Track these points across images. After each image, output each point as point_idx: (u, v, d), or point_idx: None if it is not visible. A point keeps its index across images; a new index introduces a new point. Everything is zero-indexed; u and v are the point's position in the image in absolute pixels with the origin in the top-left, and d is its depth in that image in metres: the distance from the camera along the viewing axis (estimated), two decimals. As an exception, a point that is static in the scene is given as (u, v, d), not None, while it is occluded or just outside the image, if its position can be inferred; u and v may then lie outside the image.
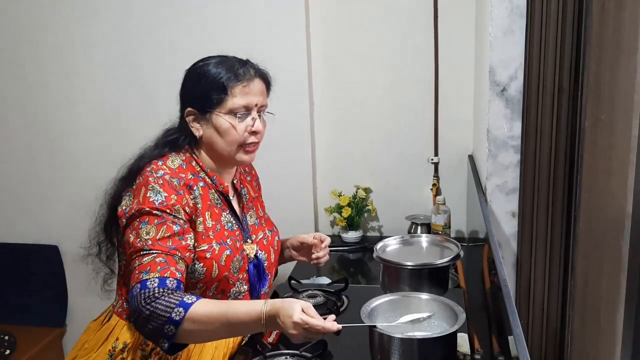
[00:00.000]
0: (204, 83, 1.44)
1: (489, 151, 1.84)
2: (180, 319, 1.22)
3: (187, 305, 1.23)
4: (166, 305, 1.23)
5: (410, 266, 1.57)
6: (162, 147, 1.49)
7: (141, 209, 1.34)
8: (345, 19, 2.53)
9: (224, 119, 1.43)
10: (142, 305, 1.24)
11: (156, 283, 1.26)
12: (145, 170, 1.40)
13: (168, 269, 1.29)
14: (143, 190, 1.36)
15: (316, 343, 1.48)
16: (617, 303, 1.50)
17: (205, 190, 1.46)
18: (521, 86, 1.77)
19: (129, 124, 2.68)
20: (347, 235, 2.59)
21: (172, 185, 1.39)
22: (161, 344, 1.25)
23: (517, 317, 1.14)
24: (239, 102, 1.43)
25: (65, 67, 2.72)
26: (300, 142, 2.59)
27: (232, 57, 1.49)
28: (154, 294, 1.24)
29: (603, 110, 1.54)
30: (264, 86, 1.49)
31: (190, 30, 2.56)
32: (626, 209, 1.48)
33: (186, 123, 1.48)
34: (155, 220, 1.33)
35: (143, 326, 1.25)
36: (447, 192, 2.55)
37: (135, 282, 1.27)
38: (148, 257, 1.29)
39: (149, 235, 1.32)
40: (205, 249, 1.40)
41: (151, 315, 1.23)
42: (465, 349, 1.42)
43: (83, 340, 1.55)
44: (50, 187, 2.85)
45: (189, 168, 1.46)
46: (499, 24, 1.76)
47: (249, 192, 1.65)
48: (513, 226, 1.86)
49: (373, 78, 2.56)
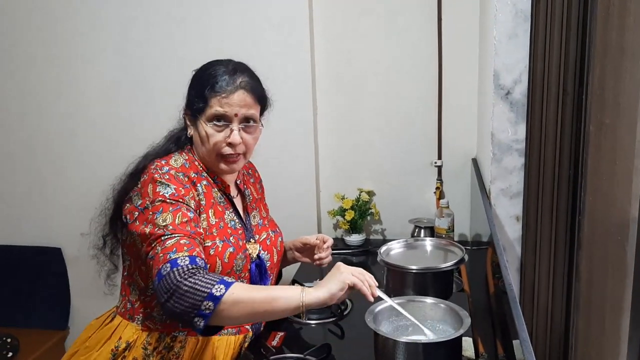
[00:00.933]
0: (193, 88, 1.48)
1: (493, 155, 1.84)
2: (221, 295, 1.19)
3: (228, 283, 1.22)
4: (207, 281, 1.21)
5: (415, 270, 1.57)
6: (166, 145, 1.52)
7: (154, 200, 1.34)
8: (348, 24, 2.53)
9: (204, 126, 1.45)
10: (178, 280, 1.20)
11: (187, 260, 1.23)
12: (149, 168, 1.41)
13: (194, 249, 1.27)
14: (151, 187, 1.36)
15: (320, 347, 1.48)
16: (622, 307, 1.49)
17: (209, 189, 1.48)
18: (525, 90, 1.77)
19: (134, 126, 2.68)
20: (350, 239, 2.59)
21: (179, 180, 1.40)
22: (196, 323, 1.20)
23: (522, 321, 1.14)
24: (215, 111, 1.43)
25: (69, 69, 2.72)
26: (303, 145, 2.59)
27: (227, 66, 1.47)
28: (190, 269, 1.22)
29: (607, 114, 1.54)
30: (249, 97, 1.45)
31: (193, 36, 2.56)
32: (631, 213, 1.47)
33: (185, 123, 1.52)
34: (170, 208, 1.33)
35: (177, 304, 1.20)
36: (451, 196, 2.55)
37: (162, 263, 1.24)
38: (171, 241, 1.27)
39: (167, 222, 1.30)
40: (209, 245, 1.41)
41: (190, 291, 1.19)
42: (470, 353, 1.42)
43: (84, 337, 1.55)
44: (54, 189, 2.86)
45: (192, 167, 1.48)
46: (504, 27, 1.76)
47: (252, 193, 1.66)
48: (517, 230, 1.86)
49: (376, 82, 2.56)
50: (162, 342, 1.46)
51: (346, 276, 1.28)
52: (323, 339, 1.60)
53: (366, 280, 1.30)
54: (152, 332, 1.47)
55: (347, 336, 1.62)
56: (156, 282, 1.24)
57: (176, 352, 1.46)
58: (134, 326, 1.48)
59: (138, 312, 1.48)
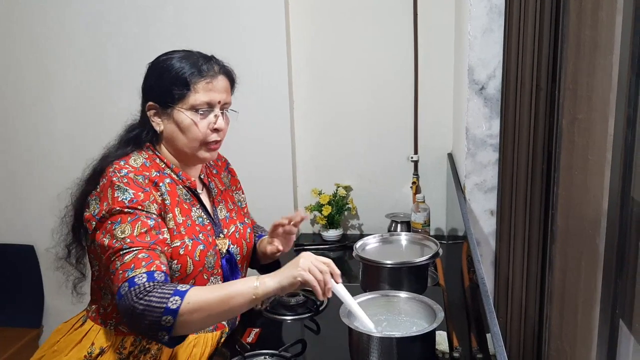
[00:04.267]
0: (166, 77, 1.41)
1: (468, 150, 1.85)
2: (177, 307, 1.19)
3: (182, 293, 1.21)
4: (161, 297, 1.20)
5: (390, 264, 1.57)
6: (125, 145, 1.46)
7: (111, 209, 1.31)
8: (325, 19, 2.52)
9: (186, 114, 1.41)
10: (134, 301, 1.20)
11: (144, 278, 1.23)
12: (107, 171, 1.37)
13: (153, 263, 1.26)
14: (110, 192, 1.33)
15: (295, 343, 1.48)
16: (593, 299, 1.51)
17: (173, 187, 1.44)
18: (500, 85, 1.78)
19: (105, 121, 2.62)
20: (327, 234, 2.59)
21: (138, 183, 1.36)
22: (160, 337, 1.21)
23: (494, 315, 1.15)
24: (201, 98, 1.40)
25: (40, 66, 2.68)
26: (280, 140, 2.59)
27: (197, 52, 1.47)
28: (145, 288, 1.22)
29: (580, 109, 1.55)
30: (228, 83, 1.47)
31: (167, 33, 2.54)
32: (603, 206, 1.49)
33: (147, 117, 1.46)
34: (129, 218, 1.30)
35: (138, 323, 1.21)
36: (427, 191, 2.56)
37: (121, 281, 1.24)
38: (129, 255, 1.26)
39: (125, 234, 1.29)
40: (178, 245, 1.38)
41: (146, 309, 1.19)
42: (444, 347, 1.42)
43: (52, 341, 1.50)
44: (26, 186, 2.81)
45: (153, 166, 1.44)
46: (478, 23, 1.76)
47: (217, 185, 1.62)
48: (492, 224, 1.87)
49: (353, 77, 2.56)
50: (137, 345, 1.43)
51: (300, 272, 1.25)
52: (298, 335, 1.60)
53: (322, 279, 1.27)
54: (126, 336, 1.43)
55: (323, 331, 1.62)
56: (117, 301, 1.24)
57: (153, 354, 1.43)
58: (107, 331, 1.44)
59: (111, 317, 1.44)
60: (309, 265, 1.27)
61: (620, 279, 1.35)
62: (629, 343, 1.32)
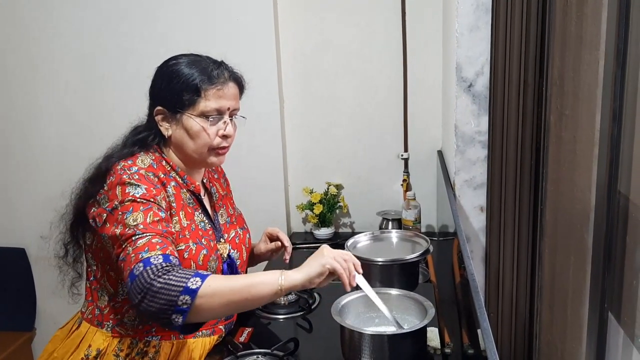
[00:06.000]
0: (176, 83, 1.39)
1: (457, 147, 1.86)
2: (197, 287, 1.15)
3: (203, 275, 1.17)
4: (181, 276, 1.16)
5: (381, 262, 1.58)
6: (130, 146, 1.43)
7: (123, 200, 1.28)
8: (314, 17, 2.52)
9: (195, 121, 1.39)
10: (151, 278, 1.15)
11: (160, 259, 1.19)
12: (115, 169, 1.35)
13: (167, 248, 1.23)
14: (119, 188, 1.30)
15: (287, 342, 1.48)
16: (583, 293, 1.52)
17: (177, 190, 1.43)
18: (487, 82, 1.79)
19: (96, 123, 2.64)
20: (319, 232, 2.60)
21: (149, 179, 1.34)
22: (174, 320, 1.15)
23: (484, 311, 1.16)
24: (212, 105, 1.39)
25: (29, 66, 2.66)
26: (271, 140, 2.59)
27: (206, 57, 1.45)
28: (163, 267, 1.17)
29: (567, 104, 1.56)
30: (237, 90, 1.46)
31: (156, 32, 2.53)
32: (591, 201, 1.50)
33: (155, 121, 1.44)
34: (141, 207, 1.28)
35: (152, 302, 1.15)
36: (417, 188, 2.57)
37: (134, 263, 1.19)
38: (143, 240, 1.22)
39: (138, 221, 1.25)
40: (182, 248, 1.36)
41: (164, 287, 1.15)
42: (436, 343, 1.43)
43: (50, 349, 1.49)
44: (16, 189, 2.80)
45: (160, 167, 1.42)
46: (465, 20, 1.77)
47: (217, 190, 1.62)
48: (481, 220, 1.88)
49: (343, 76, 2.57)
50: (134, 348, 1.41)
51: (327, 260, 1.23)
52: (291, 333, 1.60)
53: (347, 268, 1.25)
54: (123, 338, 1.42)
55: (315, 330, 1.62)
56: (129, 284, 1.18)
57: (151, 357, 1.42)
58: (104, 333, 1.42)
59: (108, 319, 1.43)
60: (334, 254, 1.25)
61: (609, 273, 1.36)
62: (619, 336, 1.33)
